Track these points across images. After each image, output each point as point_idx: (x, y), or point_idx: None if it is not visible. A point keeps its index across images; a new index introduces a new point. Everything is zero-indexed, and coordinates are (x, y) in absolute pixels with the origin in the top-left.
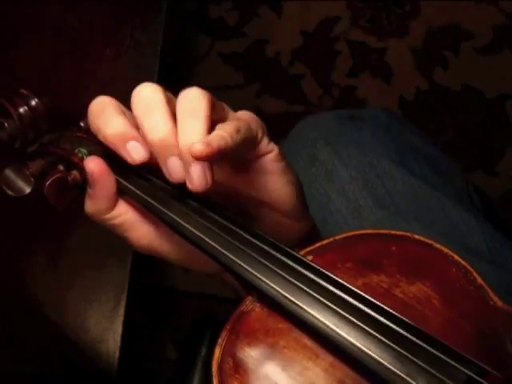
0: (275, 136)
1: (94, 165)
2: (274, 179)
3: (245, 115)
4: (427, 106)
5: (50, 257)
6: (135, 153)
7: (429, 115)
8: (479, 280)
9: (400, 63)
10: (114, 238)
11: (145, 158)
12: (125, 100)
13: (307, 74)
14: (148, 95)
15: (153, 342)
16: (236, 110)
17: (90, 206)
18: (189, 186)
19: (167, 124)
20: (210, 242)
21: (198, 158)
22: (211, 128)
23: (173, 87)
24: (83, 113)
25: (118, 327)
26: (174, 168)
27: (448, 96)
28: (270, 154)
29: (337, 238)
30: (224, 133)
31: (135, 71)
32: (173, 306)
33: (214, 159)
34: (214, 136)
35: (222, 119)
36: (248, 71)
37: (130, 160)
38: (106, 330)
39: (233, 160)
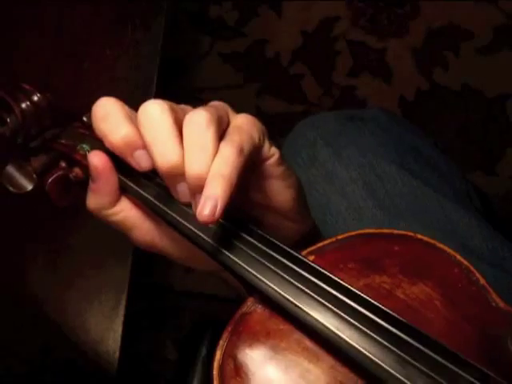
0: (275, 136)
1: (97, 159)
2: (274, 183)
3: (245, 122)
4: (427, 106)
5: (50, 257)
6: (143, 161)
7: (429, 115)
8: (482, 281)
9: (400, 63)
10: (114, 238)
11: (152, 166)
12: (125, 100)
13: (307, 74)
14: (156, 117)
15: (153, 342)
16: (236, 110)
17: (93, 201)
18: (198, 218)
19: (176, 151)
20: (210, 241)
21: (209, 223)
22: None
23: (173, 87)
24: (86, 107)
25: (118, 327)
26: (183, 194)
27: (448, 96)
28: (272, 159)
29: (339, 237)
30: (227, 168)
31: (135, 71)
32: (173, 305)
33: (224, 211)
34: (216, 185)
35: (225, 131)
36: (248, 71)
37: (137, 167)
38: (106, 330)
39: None
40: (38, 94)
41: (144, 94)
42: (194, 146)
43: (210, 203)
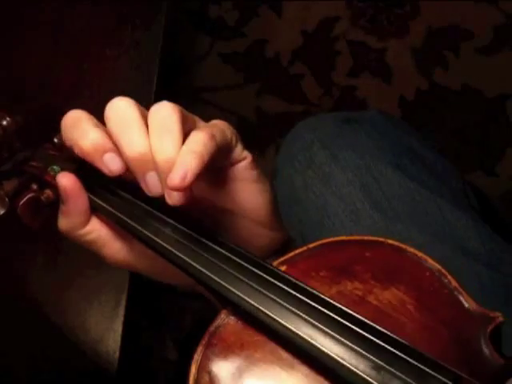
0: (275, 137)
1: (66, 180)
2: (247, 187)
3: (217, 122)
4: (427, 106)
5: (50, 257)
6: (112, 164)
7: (429, 115)
8: (453, 283)
9: (400, 63)
10: None
11: (122, 169)
12: None
13: (307, 74)
14: (123, 110)
15: (153, 342)
16: (236, 109)
17: (64, 223)
18: (168, 200)
19: (144, 140)
20: (183, 256)
21: (177, 190)
22: (184, 139)
23: (173, 87)
24: (57, 127)
25: (118, 327)
26: (152, 183)
27: (448, 96)
28: (244, 162)
29: (310, 246)
30: (198, 146)
31: (135, 71)
32: (173, 306)
33: (191, 185)
34: (188, 157)
35: (192, 128)
36: (248, 71)
37: (107, 171)
38: (106, 330)
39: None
40: (8, 118)
41: (144, 94)
42: (159, 130)
43: (179, 172)
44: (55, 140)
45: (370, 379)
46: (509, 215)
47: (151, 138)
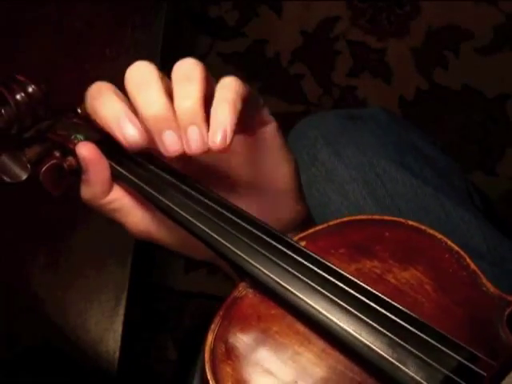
0: None
1: (84, 150)
2: (274, 155)
3: None
4: (427, 106)
5: (51, 257)
6: (129, 134)
7: (429, 115)
8: (472, 266)
9: (400, 63)
10: (114, 238)
11: (138, 139)
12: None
13: (307, 74)
14: (142, 70)
15: (153, 342)
16: None
17: (86, 192)
18: (187, 150)
19: (162, 98)
20: (203, 227)
21: (221, 150)
22: (207, 95)
23: None
24: (81, 99)
25: (118, 327)
26: (170, 141)
27: (448, 96)
28: (270, 126)
29: (331, 223)
30: (229, 94)
31: None
32: (173, 305)
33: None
34: (224, 111)
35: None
36: (248, 71)
37: (124, 141)
38: (106, 330)
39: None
40: (33, 86)
41: None
42: (183, 79)
43: (220, 129)
44: (78, 110)
45: (385, 355)
46: (509, 215)
47: (174, 87)
